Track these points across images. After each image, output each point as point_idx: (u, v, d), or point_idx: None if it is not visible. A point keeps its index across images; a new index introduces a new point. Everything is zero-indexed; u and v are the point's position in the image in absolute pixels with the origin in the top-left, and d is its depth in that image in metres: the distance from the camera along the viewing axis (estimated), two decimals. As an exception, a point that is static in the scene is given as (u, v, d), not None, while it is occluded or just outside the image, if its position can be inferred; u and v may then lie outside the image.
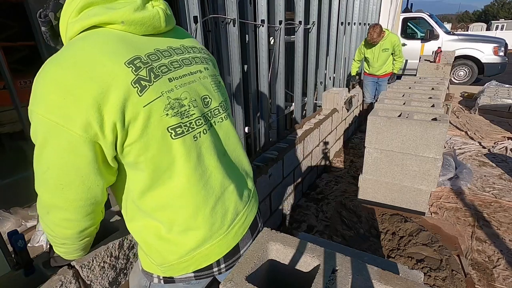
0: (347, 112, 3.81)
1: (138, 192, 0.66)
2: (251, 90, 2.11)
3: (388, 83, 4.14)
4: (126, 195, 0.69)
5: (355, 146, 3.95)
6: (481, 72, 7.21)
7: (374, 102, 3.51)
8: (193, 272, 0.74)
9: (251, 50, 2.05)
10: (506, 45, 7.26)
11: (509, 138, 3.90)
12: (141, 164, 0.62)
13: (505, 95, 4.98)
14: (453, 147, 3.67)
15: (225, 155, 0.76)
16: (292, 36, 2.75)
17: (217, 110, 0.74)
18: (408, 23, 7.69)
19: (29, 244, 1.87)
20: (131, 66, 0.57)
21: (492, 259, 1.95)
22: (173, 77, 0.64)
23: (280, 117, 2.53)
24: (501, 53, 7.05)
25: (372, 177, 2.21)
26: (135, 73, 0.57)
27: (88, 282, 0.97)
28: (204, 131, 0.69)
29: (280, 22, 2.28)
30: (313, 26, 2.91)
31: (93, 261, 0.96)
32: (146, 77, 0.58)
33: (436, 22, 7.55)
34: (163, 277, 0.75)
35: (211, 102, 0.73)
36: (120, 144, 0.58)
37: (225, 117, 0.77)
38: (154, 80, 0.60)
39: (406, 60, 4.28)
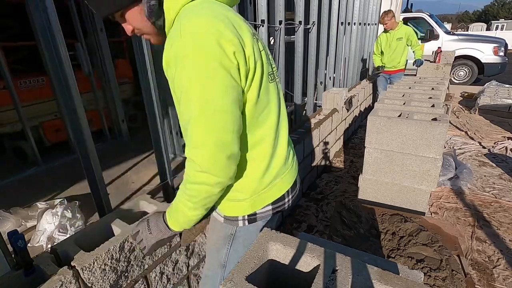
0: (347, 112, 3.81)
1: (246, 130, 0.79)
2: (251, 90, 2.11)
3: (417, 66, 4.42)
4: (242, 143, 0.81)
5: (355, 146, 3.95)
6: (481, 72, 7.21)
7: None
8: (271, 204, 0.88)
9: (251, 50, 2.04)
10: (506, 45, 7.26)
11: (509, 138, 3.90)
12: (253, 99, 0.76)
13: (505, 95, 4.98)
14: (453, 147, 3.67)
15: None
16: (292, 36, 2.74)
17: (274, 74, 0.90)
18: (408, 23, 7.68)
19: (29, 244, 1.87)
20: (247, 24, 0.78)
21: (492, 259, 1.95)
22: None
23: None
24: (501, 53, 7.05)
25: (372, 177, 2.21)
26: (250, 30, 0.77)
27: (89, 285, 0.96)
28: (276, 84, 0.87)
29: (280, 22, 2.28)
30: (313, 26, 2.91)
31: (94, 263, 0.96)
32: (253, 32, 0.79)
33: (436, 22, 7.56)
34: (247, 216, 0.87)
35: (271, 65, 0.89)
36: (244, 75, 0.71)
37: (278, 81, 0.93)
38: (257, 38, 0.81)
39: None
